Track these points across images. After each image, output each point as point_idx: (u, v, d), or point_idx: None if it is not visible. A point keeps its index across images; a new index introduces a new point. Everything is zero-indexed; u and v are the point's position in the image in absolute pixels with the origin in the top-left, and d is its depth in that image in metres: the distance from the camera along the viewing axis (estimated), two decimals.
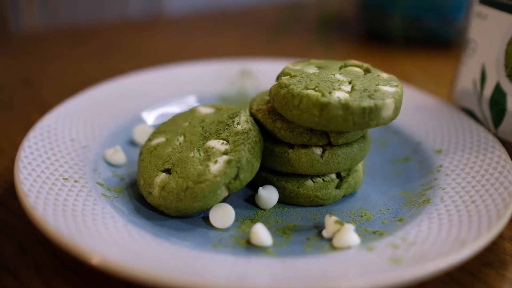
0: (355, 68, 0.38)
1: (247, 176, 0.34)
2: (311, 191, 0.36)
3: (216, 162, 0.34)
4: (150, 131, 0.44)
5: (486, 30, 0.43)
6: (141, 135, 0.44)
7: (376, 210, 0.37)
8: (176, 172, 0.35)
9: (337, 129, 0.33)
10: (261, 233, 0.32)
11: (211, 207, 0.35)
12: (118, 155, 0.41)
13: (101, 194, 0.36)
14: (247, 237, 0.33)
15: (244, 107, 0.51)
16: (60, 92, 0.59)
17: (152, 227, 0.34)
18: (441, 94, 0.55)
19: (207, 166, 0.34)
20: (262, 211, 0.36)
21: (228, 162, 0.34)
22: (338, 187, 0.37)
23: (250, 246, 0.33)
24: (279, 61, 0.56)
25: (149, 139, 0.39)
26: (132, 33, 0.82)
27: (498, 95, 0.41)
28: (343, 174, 0.38)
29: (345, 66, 0.39)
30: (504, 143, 0.41)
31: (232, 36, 0.81)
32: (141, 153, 0.38)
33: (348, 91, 0.34)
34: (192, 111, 0.40)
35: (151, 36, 0.81)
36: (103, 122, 0.44)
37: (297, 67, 0.38)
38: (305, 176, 0.37)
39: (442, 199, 0.35)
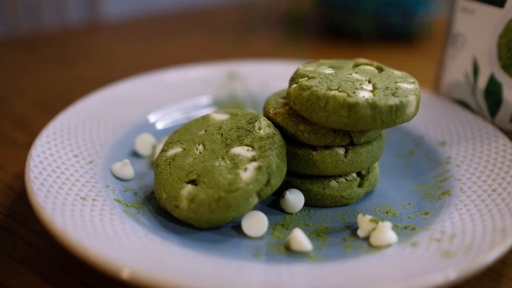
0: (368, 67, 0.39)
1: (277, 182, 0.34)
2: (336, 192, 0.36)
3: (246, 169, 0.33)
4: (152, 141, 0.43)
5: (474, 24, 0.45)
6: (143, 146, 0.42)
7: (398, 205, 0.37)
8: (204, 182, 0.33)
9: (366, 128, 0.34)
10: (302, 239, 0.32)
11: (242, 216, 0.34)
12: (127, 169, 0.39)
13: (123, 211, 0.34)
14: (284, 244, 0.33)
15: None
16: (33, 105, 0.55)
17: (184, 242, 0.32)
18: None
19: (237, 174, 0.33)
20: (289, 215, 0.36)
21: (259, 168, 0.33)
22: (360, 185, 0.37)
23: (290, 253, 0.32)
24: (265, 62, 0.56)
25: (164, 150, 0.37)
26: (87, 39, 0.79)
27: (493, 86, 0.43)
28: (363, 172, 0.38)
29: (357, 65, 0.39)
30: (502, 131, 0.43)
31: (194, 37, 0.80)
32: (157, 165, 0.36)
33: (370, 90, 0.35)
34: (205, 118, 0.39)
35: (110, 41, 0.78)
36: (101, 134, 0.42)
37: (310, 68, 0.38)
38: (328, 177, 0.37)
39: (461, 190, 0.36)
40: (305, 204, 0.37)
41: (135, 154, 0.43)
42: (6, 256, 0.34)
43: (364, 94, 0.34)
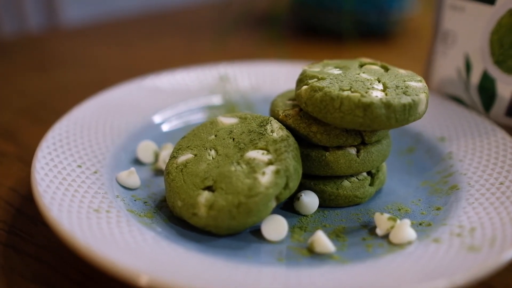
0: (373, 66, 0.39)
1: (295, 185, 0.34)
2: (350, 191, 0.37)
3: (264, 173, 0.33)
4: (154, 147, 0.42)
5: (465, 21, 0.46)
6: (145, 153, 0.41)
7: (409, 202, 0.38)
8: (222, 188, 0.33)
9: (380, 128, 0.34)
10: (325, 240, 0.32)
11: (261, 221, 0.33)
12: (133, 178, 0.38)
13: (138, 222, 0.33)
14: (305, 246, 0.33)
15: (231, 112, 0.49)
16: (16, 115, 0.53)
17: (206, 250, 0.32)
18: None
19: (255, 178, 0.33)
20: (305, 217, 0.36)
21: (277, 172, 0.33)
22: (371, 184, 0.38)
23: (313, 255, 0.32)
24: (253, 64, 0.56)
25: (173, 157, 0.36)
26: (59, 44, 0.76)
27: (487, 81, 0.44)
28: (373, 171, 0.38)
29: (362, 64, 0.39)
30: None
31: (170, 39, 0.79)
32: (169, 173, 0.35)
33: (381, 89, 0.35)
34: (213, 122, 0.38)
35: (84, 45, 0.76)
36: (101, 143, 0.41)
37: (316, 69, 0.38)
38: (341, 178, 0.37)
39: (469, 184, 0.37)
40: (319, 205, 0.37)
41: (136, 162, 0.42)
42: (17, 275, 0.32)
43: (377, 93, 0.34)
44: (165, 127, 0.46)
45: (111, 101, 0.46)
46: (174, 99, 0.49)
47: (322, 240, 0.32)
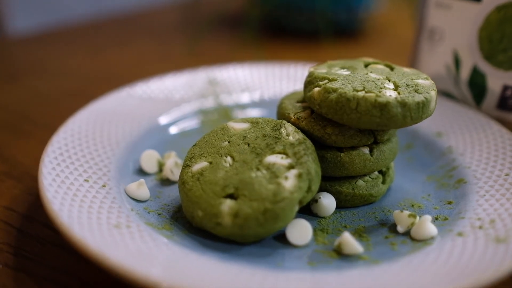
0: (378, 66, 0.39)
1: (317, 187, 0.33)
2: (365, 191, 0.37)
3: (286, 178, 0.32)
4: (157, 156, 0.41)
5: (452, 18, 0.47)
6: (149, 163, 0.40)
7: (419, 198, 0.38)
8: (245, 195, 0.32)
9: (397, 126, 0.34)
10: (353, 242, 0.32)
11: (286, 226, 0.33)
12: (143, 189, 0.37)
13: (160, 235, 0.32)
14: (331, 248, 0.33)
15: (226, 116, 0.49)
16: None
17: (237, 259, 0.31)
18: None
19: (279, 183, 0.32)
20: (324, 219, 0.36)
21: (299, 176, 0.32)
22: (383, 182, 0.38)
23: (342, 257, 0.32)
24: (238, 66, 0.55)
25: (187, 165, 0.35)
26: (23, 53, 0.73)
27: (477, 76, 0.46)
28: (383, 169, 0.39)
29: (367, 64, 0.39)
30: None
31: (142, 43, 0.77)
32: (184, 182, 0.34)
33: (393, 88, 0.35)
34: (224, 129, 0.37)
35: (52, 53, 0.73)
36: (102, 155, 0.39)
37: (323, 70, 0.38)
38: (355, 178, 0.37)
39: (475, 177, 0.38)
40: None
41: (140, 172, 0.40)
42: None
43: (390, 93, 0.34)
44: (163, 134, 0.45)
45: (104, 111, 0.44)
46: (167, 105, 0.48)
47: (350, 241, 0.32)
